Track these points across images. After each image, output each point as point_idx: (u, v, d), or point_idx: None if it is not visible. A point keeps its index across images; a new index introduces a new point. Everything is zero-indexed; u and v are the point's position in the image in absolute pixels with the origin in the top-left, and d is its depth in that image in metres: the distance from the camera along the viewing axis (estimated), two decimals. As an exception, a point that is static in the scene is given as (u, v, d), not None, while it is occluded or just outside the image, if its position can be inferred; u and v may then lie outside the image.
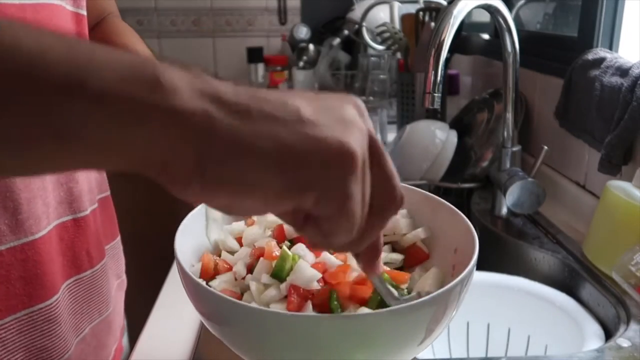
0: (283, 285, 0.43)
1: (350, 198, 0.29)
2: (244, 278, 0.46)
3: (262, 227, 0.51)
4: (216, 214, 0.51)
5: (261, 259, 0.45)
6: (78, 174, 0.58)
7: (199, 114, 0.27)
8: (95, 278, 0.61)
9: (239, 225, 0.53)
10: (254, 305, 0.41)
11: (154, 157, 0.27)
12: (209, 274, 0.47)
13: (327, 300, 0.42)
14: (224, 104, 0.27)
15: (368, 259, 0.38)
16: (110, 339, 0.66)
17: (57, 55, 0.25)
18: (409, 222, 0.53)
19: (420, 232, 0.52)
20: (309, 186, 0.28)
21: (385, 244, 0.53)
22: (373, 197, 0.32)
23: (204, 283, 0.41)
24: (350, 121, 0.30)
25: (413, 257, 0.52)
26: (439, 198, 0.53)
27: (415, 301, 0.38)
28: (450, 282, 0.40)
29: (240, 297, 0.45)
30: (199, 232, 0.50)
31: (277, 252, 0.45)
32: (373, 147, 0.32)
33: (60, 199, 0.56)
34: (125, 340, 0.76)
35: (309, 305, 0.41)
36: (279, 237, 0.49)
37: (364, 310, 0.42)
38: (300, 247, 0.46)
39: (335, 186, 0.29)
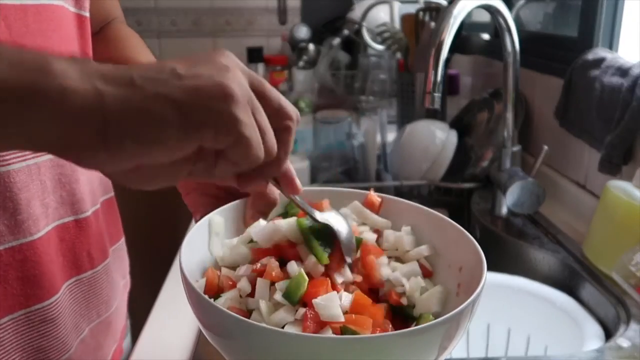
0: (298, 311, 0.43)
1: (240, 123, 0.34)
2: (249, 294, 0.46)
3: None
4: (218, 228, 0.51)
5: (259, 279, 0.45)
6: (79, 175, 0.58)
7: (89, 91, 0.30)
8: (95, 279, 0.61)
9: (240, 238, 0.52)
10: (264, 325, 0.40)
11: (53, 136, 0.31)
12: (213, 290, 0.47)
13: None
14: (110, 79, 0.31)
15: (287, 181, 0.45)
16: (109, 340, 0.65)
17: None
18: (413, 240, 0.53)
19: (423, 250, 0.51)
20: (201, 124, 0.32)
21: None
22: (271, 123, 0.37)
23: (212, 301, 0.41)
24: (223, 66, 0.35)
25: None
26: (443, 216, 0.53)
27: (428, 323, 0.38)
28: (455, 300, 0.41)
29: (248, 315, 0.45)
30: (202, 247, 0.50)
31: (276, 272, 0.45)
32: (254, 82, 0.37)
33: (62, 200, 0.56)
34: (128, 342, 0.76)
35: (328, 330, 0.41)
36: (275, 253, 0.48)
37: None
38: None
39: (225, 117, 0.33)
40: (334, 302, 0.42)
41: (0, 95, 0.29)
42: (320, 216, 0.48)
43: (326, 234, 0.48)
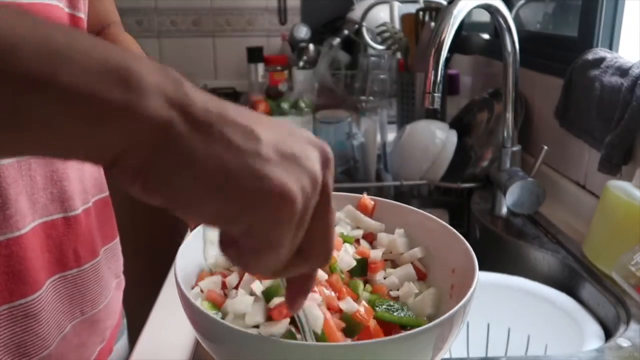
0: (271, 304, 0.43)
1: (277, 241, 0.30)
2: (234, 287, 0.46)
3: None
4: (213, 236, 0.51)
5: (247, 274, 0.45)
6: (71, 173, 0.58)
7: (162, 122, 0.27)
8: (81, 277, 0.61)
9: None
10: (259, 333, 0.40)
11: (107, 154, 0.27)
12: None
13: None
14: (189, 116, 0.28)
15: (295, 292, 0.37)
16: (94, 338, 0.65)
17: (29, 49, 0.25)
18: (406, 242, 0.53)
19: (417, 252, 0.52)
20: (241, 217, 0.29)
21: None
22: (307, 242, 0.32)
23: (203, 308, 0.41)
24: (304, 166, 0.30)
25: None
26: (436, 218, 0.53)
27: (420, 328, 0.38)
28: (448, 302, 0.40)
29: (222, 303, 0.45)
30: (197, 255, 0.50)
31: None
32: (323, 197, 0.32)
33: (52, 197, 0.56)
34: (124, 341, 0.76)
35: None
36: None
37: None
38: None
39: (267, 226, 0.29)
40: (314, 308, 0.42)
41: (73, 107, 0.26)
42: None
43: None
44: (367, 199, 0.55)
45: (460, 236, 0.49)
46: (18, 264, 0.52)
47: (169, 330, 0.72)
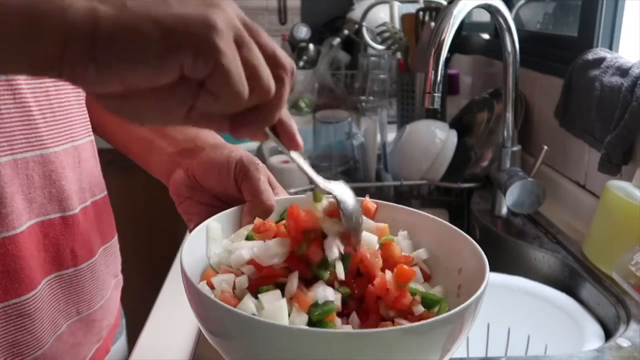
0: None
1: (219, 52, 0.34)
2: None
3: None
4: (216, 234, 0.51)
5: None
6: (68, 173, 0.58)
7: (85, 9, 0.32)
8: (78, 277, 0.61)
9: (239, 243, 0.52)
10: (268, 320, 0.40)
11: (50, 54, 0.32)
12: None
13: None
14: (105, 1, 0.33)
15: (287, 135, 0.43)
16: (90, 338, 0.65)
17: None
18: (410, 244, 0.53)
19: (421, 253, 0.51)
20: (181, 45, 0.33)
21: None
22: (268, 65, 0.37)
23: (213, 296, 0.41)
24: (215, 3, 0.35)
25: None
26: (438, 218, 0.53)
27: (432, 319, 0.38)
28: (456, 302, 0.41)
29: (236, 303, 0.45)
30: (200, 253, 0.50)
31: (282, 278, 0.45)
32: (247, 25, 0.37)
33: (50, 196, 0.56)
34: (122, 341, 0.76)
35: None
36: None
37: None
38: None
39: (204, 43, 0.34)
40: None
41: (3, 16, 0.31)
42: (323, 184, 0.46)
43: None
44: (369, 202, 0.55)
45: (466, 235, 0.49)
46: (13, 263, 0.52)
47: (169, 330, 0.72)
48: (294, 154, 0.44)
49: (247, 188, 0.53)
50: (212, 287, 0.46)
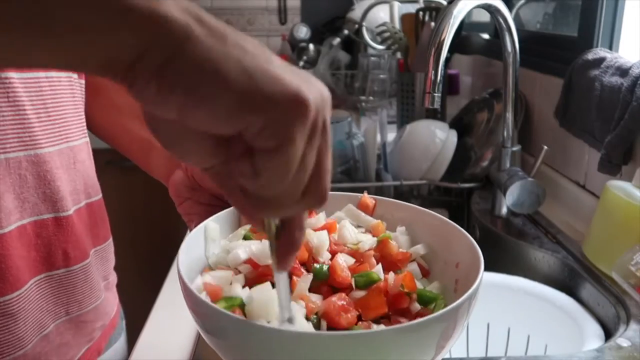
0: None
1: (292, 141, 0.30)
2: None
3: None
4: (214, 235, 0.51)
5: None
6: (62, 174, 0.58)
7: (180, 23, 0.28)
8: (69, 278, 0.60)
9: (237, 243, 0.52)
10: (261, 323, 0.40)
11: (124, 56, 0.28)
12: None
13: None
14: (204, 24, 0.29)
15: (286, 247, 0.37)
16: (79, 339, 0.64)
17: None
18: (408, 239, 0.53)
19: (419, 249, 0.52)
20: (259, 110, 0.30)
21: None
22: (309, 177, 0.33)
23: (209, 302, 0.41)
24: (314, 84, 0.32)
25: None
26: (436, 214, 0.53)
27: (425, 318, 0.38)
28: (453, 296, 0.41)
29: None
30: (199, 253, 0.50)
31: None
32: (324, 132, 0.33)
33: (44, 196, 0.56)
34: (122, 342, 0.76)
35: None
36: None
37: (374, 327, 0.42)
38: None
39: (283, 122, 0.30)
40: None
41: (91, 5, 0.27)
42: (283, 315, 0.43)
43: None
44: (367, 198, 0.55)
45: (463, 230, 0.49)
46: (0, 262, 0.51)
47: (168, 330, 0.72)
48: (279, 275, 0.39)
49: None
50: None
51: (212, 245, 0.51)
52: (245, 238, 0.51)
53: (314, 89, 0.31)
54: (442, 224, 0.52)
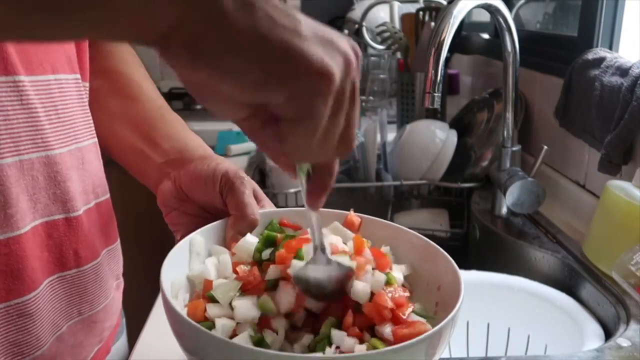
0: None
1: (313, 114, 0.32)
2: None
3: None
4: (199, 248, 0.51)
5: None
6: (72, 174, 0.58)
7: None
8: (80, 278, 0.61)
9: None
10: (245, 344, 0.40)
11: (161, 27, 0.29)
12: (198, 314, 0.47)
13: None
14: None
15: (317, 188, 0.41)
16: (91, 339, 0.65)
17: None
18: (392, 260, 0.53)
19: (402, 269, 0.52)
20: (284, 83, 0.31)
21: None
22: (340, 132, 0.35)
23: (188, 318, 0.41)
24: (340, 49, 0.33)
25: None
26: (421, 235, 0.53)
27: (409, 342, 0.38)
28: (433, 319, 0.41)
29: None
30: (183, 266, 0.50)
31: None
32: (353, 88, 0.35)
33: (55, 197, 0.56)
34: (123, 341, 0.76)
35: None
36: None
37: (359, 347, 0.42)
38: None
39: (306, 96, 0.32)
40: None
41: None
42: (328, 254, 0.46)
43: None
44: (353, 216, 0.55)
45: (445, 253, 0.50)
46: (17, 263, 0.52)
47: (168, 330, 0.72)
48: (311, 213, 0.43)
49: (231, 201, 0.53)
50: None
51: (196, 259, 0.51)
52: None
53: (338, 57, 0.33)
54: (426, 245, 0.52)
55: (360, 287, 0.44)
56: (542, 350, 0.80)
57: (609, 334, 0.71)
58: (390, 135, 1.38)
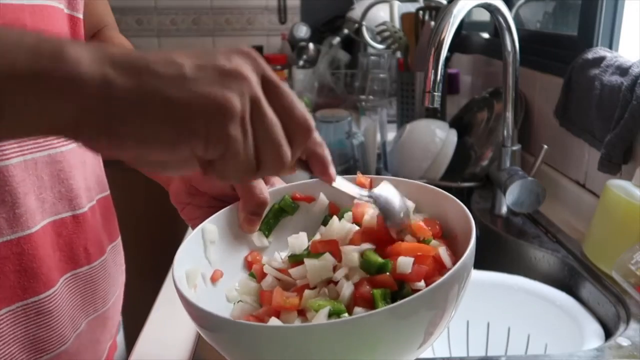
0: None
1: (231, 141, 0.34)
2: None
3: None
4: (213, 236, 0.51)
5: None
6: (75, 172, 0.59)
7: (98, 78, 0.31)
8: (92, 274, 0.62)
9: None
10: (245, 321, 0.40)
11: (66, 122, 0.32)
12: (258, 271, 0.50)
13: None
14: (118, 66, 0.32)
15: (319, 171, 0.43)
16: (105, 335, 0.66)
17: None
18: (413, 207, 0.52)
19: (419, 218, 0.51)
20: (194, 134, 0.33)
21: None
22: (284, 128, 0.37)
23: (197, 303, 0.41)
24: (230, 72, 0.34)
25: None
26: (429, 185, 0.53)
27: (414, 295, 0.37)
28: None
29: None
30: (198, 255, 0.50)
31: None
32: (268, 84, 0.36)
33: (60, 195, 0.57)
34: (120, 338, 0.76)
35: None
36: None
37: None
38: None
39: (217, 132, 0.33)
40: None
41: (17, 83, 0.31)
42: (365, 197, 0.47)
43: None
44: (362, 177, 0.55)
45: (457, 200, 0.49)
46: (30, 262, 0.53)
47: (169, 329, 0.72)
48: (334, 184, 0.45)
49: (238, 185, 0.53)
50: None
51: (212, 247, 0.51)
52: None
53: (229, 78, 0.34)
54: (439, 194, 0.51)
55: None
56: (542, 349, 0.80)
57: (609, 333, 0.71)
58: (390, 135, 1.38)
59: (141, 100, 0.32)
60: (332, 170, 0.43)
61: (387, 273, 0.43)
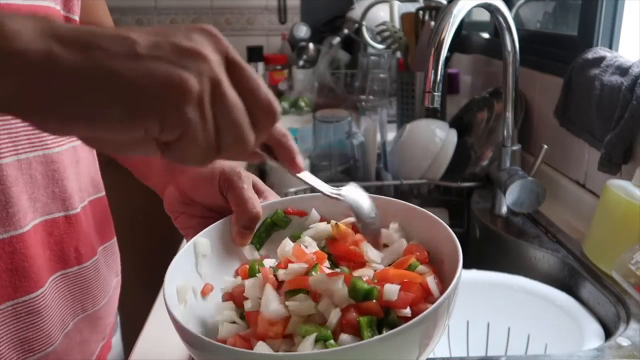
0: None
1: (189, 124, 0.32)
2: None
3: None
4: (205, 250, 0.51)
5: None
6: (69, 172, 0.59)
7: (41, 53, 0.29)
8: (82, 275, 0.61)
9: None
10: (230, 346, 0.40)
11: (10, 99, 0.30)
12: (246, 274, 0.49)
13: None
14: (64, 41, 0.30)
15: (286, 159, 0.42)
16: (95, 336, 0.66)
17: None
18: (401, 235, 0.52)
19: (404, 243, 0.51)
20: (147, 114, 0.31)
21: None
22: (248, 111, 0.35)
23: (188, 317, 0.41)
24: (189, 51, 0.32)
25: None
26: (424, 210, 0.52)
27: (405, 325, 0.37)
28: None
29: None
30: (190, 270, 0.50)
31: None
32: (231, 65, 0.34)
33: (54, 195, 0.57)
34: (117, 339, 0.76)
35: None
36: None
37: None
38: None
39: (173, 114, 0.31)
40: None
41: None
42: (334, 193, 0.47)
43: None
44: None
45: (444, 223, 0.49)
46: (21, 261, 0.53)
47: (168, 329, 0.72)
48: (301, 176, 0.44)
49: (232, 198, 0.53)
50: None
51: (203, 261, 0.51)
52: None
53: (187, 57, 0.32)
54: (426, 217, 0.51)
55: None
56: (542, 349, 0.80)
57: (609, 333, 0.71)
58: (390, 135, 1.38)
59: (88, 77, 0.30)
60: (300, 160, 0.42)
61: (374, 300, 0.43)
